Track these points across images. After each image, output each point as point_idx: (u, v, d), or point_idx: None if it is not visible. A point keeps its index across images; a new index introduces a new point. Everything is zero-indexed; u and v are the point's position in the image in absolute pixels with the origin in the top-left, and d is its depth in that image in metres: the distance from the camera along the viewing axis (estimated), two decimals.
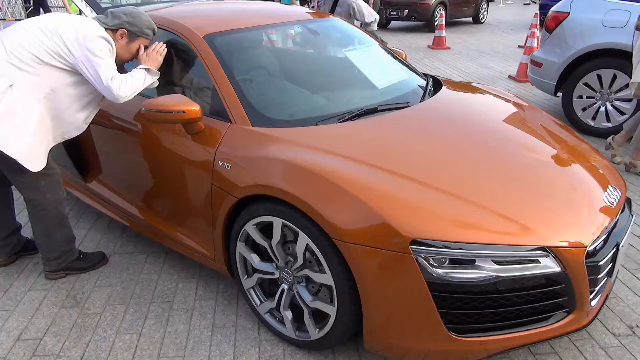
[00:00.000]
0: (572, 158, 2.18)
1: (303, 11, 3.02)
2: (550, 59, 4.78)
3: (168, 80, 2.45)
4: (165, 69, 2.39)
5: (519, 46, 9.73)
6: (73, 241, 2.55)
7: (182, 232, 2.41)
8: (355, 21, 5.43)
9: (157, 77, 2.33)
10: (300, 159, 1.87)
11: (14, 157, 2.08)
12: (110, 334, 2.17)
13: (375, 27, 5.57)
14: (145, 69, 2.26)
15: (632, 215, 2.09)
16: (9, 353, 2.06)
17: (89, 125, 2.41)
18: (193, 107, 2.07)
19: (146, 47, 2.34)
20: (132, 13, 2.28)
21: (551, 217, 1.76)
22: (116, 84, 2.12)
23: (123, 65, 2.40)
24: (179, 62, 2.46)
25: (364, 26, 5.46)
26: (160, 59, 2.33)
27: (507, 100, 2.76)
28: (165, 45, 2.37)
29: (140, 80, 2.21)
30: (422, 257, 1.61)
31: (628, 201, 2.17)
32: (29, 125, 2.10)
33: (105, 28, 2.23)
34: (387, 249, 1.63)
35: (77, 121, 2.30)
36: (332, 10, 5.55)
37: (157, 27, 2.43)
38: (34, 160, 2.17)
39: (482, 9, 13.56)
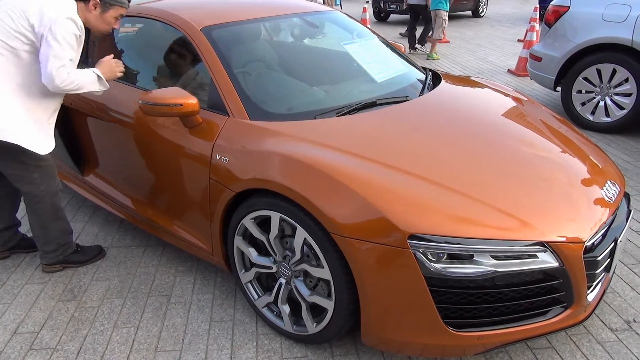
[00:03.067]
0: (571, 153, 2.17)
1: (302, 4, 2.99)
2: (549, 53, 4.76)
3: (165, 73, 2.43)
4: (163, 62, 2.37)
5: (519, 40, 9.70)
6: (70, 234, 2.54)
7: (180, 226, 2.40)
8: None
9: (105, 89, 2.26)
10: (299, 153, 1.86)
11: (17, 142, 2.06)
12: (107, 327, 2.17)
13: None
14: (98, 75, 2.19)
15: (631, 211, 2.09)
16: (5, 346, 2.06)
17: (85, 118, 2.38)
18: (190, 100, 2.05)
19: (122, 17, 2.28)
20: None
21: (549, 212, 1.76)
22: (61, 74, 2.05)
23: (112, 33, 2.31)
24: (176, 55, 2.44)
25: None
26: (117, 73, 2.29)
27: (506, 95, 2.75)
28: (122, 65, 2.31)
29: (87, 82, 2.14)
30: (420, 251, 1.60)
31: (627, 196, 2.17)
32: (15, 110, 2.08)
33: (77, 0, 2.16)
34: (385, 243, 1.62)
35: (55, 104, 2.27)
36: None
37: (154, 19, 2.40)
38: (38, 143, 2.15)
39: (481, 3, 13.50)
